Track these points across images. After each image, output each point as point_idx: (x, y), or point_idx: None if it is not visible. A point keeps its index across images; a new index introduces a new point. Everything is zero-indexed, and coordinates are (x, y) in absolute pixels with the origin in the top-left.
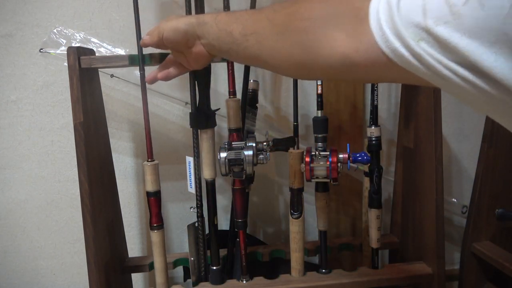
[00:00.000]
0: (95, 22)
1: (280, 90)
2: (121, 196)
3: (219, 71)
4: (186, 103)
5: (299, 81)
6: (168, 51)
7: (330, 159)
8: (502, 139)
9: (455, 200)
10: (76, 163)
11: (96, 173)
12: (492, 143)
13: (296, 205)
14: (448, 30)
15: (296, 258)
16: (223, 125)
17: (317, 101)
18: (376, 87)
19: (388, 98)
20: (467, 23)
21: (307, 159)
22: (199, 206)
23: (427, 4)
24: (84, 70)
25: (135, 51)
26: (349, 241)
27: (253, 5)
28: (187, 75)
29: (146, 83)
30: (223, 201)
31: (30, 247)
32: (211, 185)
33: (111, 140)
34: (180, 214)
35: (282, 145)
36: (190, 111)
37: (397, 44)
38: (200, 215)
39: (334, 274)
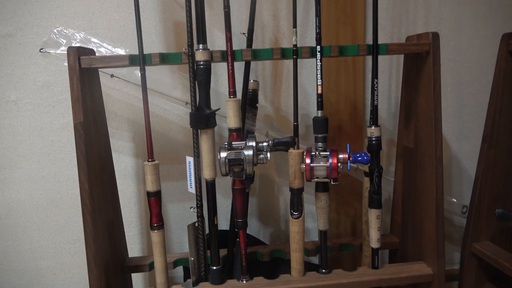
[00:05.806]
0: (95, 22)
1: (280, 90)
2: (121, 196)
3: (219, 71)
4: (186, 103)
5: (299, 81)
6: (169, 51)
7: (330, 159)
8: (502, 139)
9: (455, 200)
10: (76, 163)
11: (96, 173)
12: (492, 143)
13: (296, 205)
14: None
15: (296, 258)
16: (223, 125)
17: (317, 101)
18: (376, 87)
19: (388, 98)
20: None
21: (307, 159)
22: (199, 206)
23: None
24: (84, 70)
25: (135, 51)
26: (349, 241)
27: (253, 5)
28: (187, 75)
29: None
30: (223, 201)
31: (30, 247)
32: (211, 185)
33: (111, 140)
34: (180, 214)
35: (282, 145)
36: (190, 111)
37: None
38: (200, 215)
39: (334, 274)
